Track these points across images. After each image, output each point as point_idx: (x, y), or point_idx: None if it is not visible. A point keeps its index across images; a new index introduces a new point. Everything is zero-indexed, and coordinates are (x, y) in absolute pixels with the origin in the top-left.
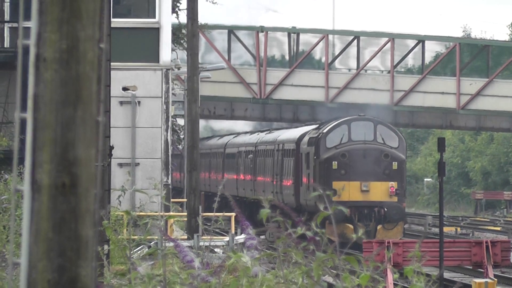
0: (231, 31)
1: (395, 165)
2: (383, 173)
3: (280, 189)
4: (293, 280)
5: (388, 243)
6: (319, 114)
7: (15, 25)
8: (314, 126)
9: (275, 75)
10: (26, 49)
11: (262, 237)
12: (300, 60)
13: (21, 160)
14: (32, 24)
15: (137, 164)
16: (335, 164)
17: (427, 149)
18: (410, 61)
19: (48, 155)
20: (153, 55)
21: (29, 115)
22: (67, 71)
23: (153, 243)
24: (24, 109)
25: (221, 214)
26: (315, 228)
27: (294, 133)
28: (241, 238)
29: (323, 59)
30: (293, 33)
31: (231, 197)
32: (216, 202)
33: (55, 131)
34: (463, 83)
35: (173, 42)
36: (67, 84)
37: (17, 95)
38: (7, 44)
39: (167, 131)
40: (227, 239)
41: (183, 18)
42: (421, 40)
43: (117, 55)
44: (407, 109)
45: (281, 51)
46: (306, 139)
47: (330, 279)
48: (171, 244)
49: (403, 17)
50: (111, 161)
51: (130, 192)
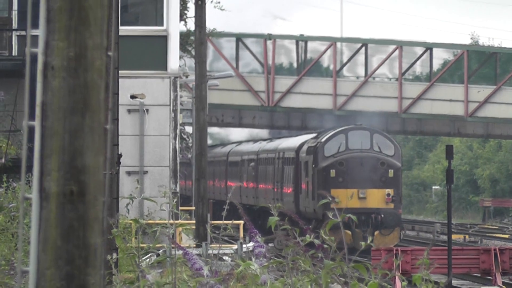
0: (239, 38)
1: (391, 172)
2: (379, 181)
3: (281, 196)
4: None
5: (397, 250)
6: (327, 122)
7: (23, 33)
8: (313, 135)
9: (283, 82)
10: (34, 57)
11: (271, 244)
12: (308, 67)
13: (29, 168)
14: (40, 32)
15: (145, 172)
16: (333, 172)
17: (435, 157)
18: (418, 68)
19: (56, 163)
20: (161, 63)
21: (37, 123)
22: (75, 79)
23: (161, 251)
24: (32, 117)
25: (229, 222)
26: (324, 236)
27: (294, 141)
28: (249, 245)
29: (331, 67)
30: (301, 40)
31: (240, 205)
32: (225, 210)
33: (63, 139)
34: (471, 91)
35: (181, 49)
36: (75, 92)
37: (25, 103)
38: (15, 52)
39: (175, 139)
40: (235, 247)
41: (191, 25)
42: (429, 48)
43: (125, 63)
44: (415, 116)
45: (289, 58)
46: (305, 148)
47: (339, 287)
48: (180, 252)
49: (411, 24)
50: (119, 169)
51: (139, 200)
